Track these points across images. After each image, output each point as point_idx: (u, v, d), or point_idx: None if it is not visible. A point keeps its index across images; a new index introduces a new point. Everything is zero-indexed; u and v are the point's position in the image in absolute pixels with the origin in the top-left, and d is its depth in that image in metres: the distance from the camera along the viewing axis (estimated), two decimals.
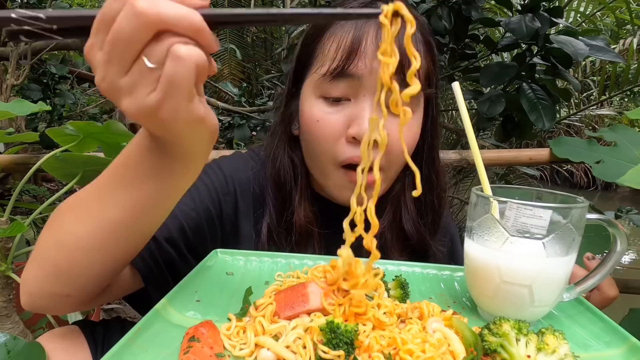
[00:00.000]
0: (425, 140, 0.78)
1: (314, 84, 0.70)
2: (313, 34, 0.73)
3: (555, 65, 1.41)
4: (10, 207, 1.06)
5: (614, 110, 6.29)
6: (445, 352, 0.43)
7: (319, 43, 0.71)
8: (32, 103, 1.06)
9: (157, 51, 0.36)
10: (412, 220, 0.79)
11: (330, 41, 0.68)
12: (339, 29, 0.68)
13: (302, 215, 0.76)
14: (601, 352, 0.48)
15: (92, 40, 0.37)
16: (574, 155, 1.28)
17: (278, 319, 0.49)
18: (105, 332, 0.68)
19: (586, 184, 7.38)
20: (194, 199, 0.75)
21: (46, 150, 1.59)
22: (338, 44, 0.67)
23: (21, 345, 0.63)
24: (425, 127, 0.76)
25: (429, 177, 0.79)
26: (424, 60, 0.69)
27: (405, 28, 0.41)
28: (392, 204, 0.79)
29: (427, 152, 0.79)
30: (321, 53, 0.70)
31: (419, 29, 0.68)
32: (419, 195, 0.77)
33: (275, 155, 0.79)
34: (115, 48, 0.36)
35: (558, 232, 0.50)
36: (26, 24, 0.34)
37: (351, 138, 0.67)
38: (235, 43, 4.42)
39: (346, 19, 0.64)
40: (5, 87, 1.66)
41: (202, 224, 0.74)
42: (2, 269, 1.04)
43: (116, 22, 0.35)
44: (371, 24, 0.66)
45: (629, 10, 2.06)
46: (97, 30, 0.37)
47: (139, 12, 0.34)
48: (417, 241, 0.79)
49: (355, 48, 0.65)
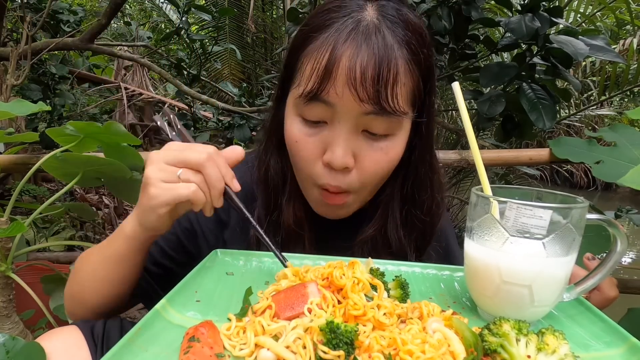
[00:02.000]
0: (413, 155, 0.75)
1: (293, 101, 0.69)
2: (296, 45, 0.70)
3: (555, 65, 1.41)
4: (10, 207, 1.06)
5: (614, 110, 6.29)
6: (445, 352, 0.43)
7: (301, 56, 0.68)
8: (32, 103, 1.06)
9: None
10: (395, 227, 0.77)
11: (307, 60, 0.66)
12: (317, 47, 0.64)
13: (291, 216, 0.76)
14: (601, 352, 0.48)
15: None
16: (574, 155, 1.28)
17: (278, 319, 0.49)
18: (104, 332, 0.68)
19: (586, 184, 7.38)
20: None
21: (46, 150, 1.59)
22: (313, 66, 0.64)
23: (20, 345, 0.63)
24: (412, 146, 0.73)
25: (412, 191, 0.76)
26: (408, 79, 0.65)
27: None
28: (382, 209, 0.78)
29: (414, 167, 0.75)
30: (300, 69, 0.68)
31: (407, 42, 0.65)
32: (404, 211, 0.78)
33: (263, 158, 0.79)
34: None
35: (558, 232, 0.49)
36: None
37: (326, 163, 0.67)
38: (235, 43, 4.42)
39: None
40: (5, 87, 1.66)
41: (183, 243, 0.81)
42: (2, 269, 1.04)
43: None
44: (346, 46, 0.62)
45: (629, 10, 2.06)
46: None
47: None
48: (397, 250, 0.77)
49: (328, 74, 0.62)
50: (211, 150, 0.61)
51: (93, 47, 1.91)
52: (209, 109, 2.57)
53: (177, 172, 0.59)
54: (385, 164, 0.69)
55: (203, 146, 0.62)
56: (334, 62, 0.62)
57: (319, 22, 0.67)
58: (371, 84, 0.61)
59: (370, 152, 0.67)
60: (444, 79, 1.89)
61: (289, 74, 0.72)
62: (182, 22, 2.06)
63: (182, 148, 0.62)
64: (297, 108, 0.68)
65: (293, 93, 0.69)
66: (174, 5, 2.06)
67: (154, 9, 5.79)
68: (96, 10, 4.55)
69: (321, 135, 0.67)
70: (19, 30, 2.42)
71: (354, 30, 0.63)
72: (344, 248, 0.76)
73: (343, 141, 0.65)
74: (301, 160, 0.70)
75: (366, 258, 0.64)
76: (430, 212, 0.78)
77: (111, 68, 4.00)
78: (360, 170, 0.68)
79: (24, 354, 0.61)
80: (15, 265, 1.08)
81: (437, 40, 1.66)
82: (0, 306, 1.05)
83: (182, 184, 0.59)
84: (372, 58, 0.61)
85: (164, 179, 0.59)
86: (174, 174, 0.59)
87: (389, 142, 0.68)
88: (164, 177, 0.59)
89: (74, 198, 2.73)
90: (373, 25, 0.64)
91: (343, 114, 0.64)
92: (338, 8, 0.67)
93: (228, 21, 4.53)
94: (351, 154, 0.66)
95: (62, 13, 2.16)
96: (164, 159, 0.60)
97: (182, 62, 2.25)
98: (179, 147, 0.62)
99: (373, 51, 0.62)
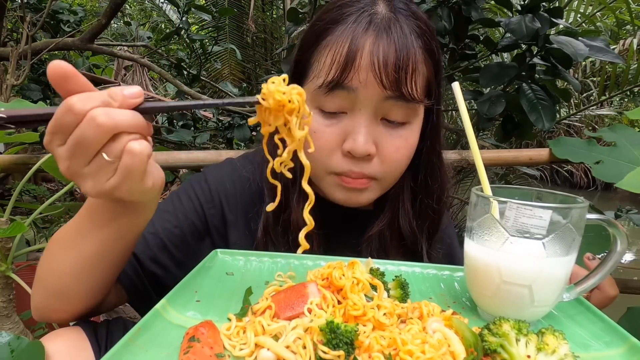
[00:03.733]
0: (425, 145, 0.77)
1: (310, 94, 0.69)
2: (309, 40, 0.72)
3: (555, 65, 1.41)
4: (10, 207, 1.06)
5: (614, 110, 6.30)
6: (445, 352, 0.43)
7: (315, 51, 0.70)
8: (32, 103, 1.06)
9: (114, 149, 0.44)
10: (408, 220, 0.79)
11: (326, 51, 0.68)
12: (335, 38, 0.67)
13: (300, 215, 0.76)
14: (601, 352, 0.48)
15: (50, 138, 0.45)
16: (574, 155, 1.28)
17: (278, 319, 0.49)
18: (108, 333, 0.68)
19: (586, 184, 7.39)
20: (177, 217, 0.76)
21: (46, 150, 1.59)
22: (333, 56, 0.66)
23: (24, 344, 0.63)
24: (425, 132, 0.76)
25: (426, 180, 0.79)
26: (424, 68, 0.68)
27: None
28: (392, 202, 0.79)
29: (426, 156, 0.78)
30: (317, 63, 0.69)
31: (421, 34, 0.67)
32: (417, 198, 0.78)
33: (273, 156, 0.78)
34: (78, 148, 0.44)
35: (558, 232, 0.50)
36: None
37: (346, 152, 0.68)
38: (235, 43, 4.42)
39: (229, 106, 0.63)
40: (5, 87, 1.66)
41: (187, 240, 0.77)
42: (2, 269, 1.04)
43: (78, 130, 0.43)
44: (367, 36, 0.65)
45: (629, 10, 2.06)
46: (54, 131, 0.44)
47: (99, 124, 0.42)
48: (411, 242, 0.79)
49: (350, 61, 0.64)
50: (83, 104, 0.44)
51: (93, 47, 1.90)
52: (209, 109, 2.57)
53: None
54: (405, 150, 0.71)
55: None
56: (355, 50, 0.64)
57: (333, 16, 0.69)
58: (393, 69, 0.64)
59: (390, 139, 0.69)
60: (444, 79, 1.89)
61: (300, 70, 0.73)
62: (182, 22, 2.06)
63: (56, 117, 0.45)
64: (315, 100, 0.69)
65: (309, 87, 0.70)
66: (174, 5, 2.06)
67: (154, 9, 5.79)
68: (96, 10, 4.56)
69: (340, 125, 0.68)
70: (19, 30, 2.42)
71: (372, 22, 0.66)
72: (354, 245, 0.76)
73: (364, 128, 0.67)
74: (319, 149, 0.69)
75: (369, 257, 0.64)
76: (440, 201, 0.81)
77: (111, 68, 4.00)
78: (383, 158, 0.69)
79: (28, 352, 0.61)
80: (15, 265, 1.08)
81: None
82: (0, 306, 1.05)
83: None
84: (392, 46, 0.64)
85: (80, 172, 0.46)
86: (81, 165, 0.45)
87: (407, 130, 0.70)
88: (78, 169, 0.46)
89: (74, 198, 2.73)
90: (389, 17, 0.67)
91: (364, 100, 0.66)
92: (351, 3, 0.69)
93: (228, 21, 4.53)
94: (372, 142, 0.68)
95: (62, 13, 2.16)
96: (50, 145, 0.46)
97: (182, 62, 2.26)
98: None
99: (393, 40, 0.64)
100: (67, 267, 0.61)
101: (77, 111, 0.43)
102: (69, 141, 0.44)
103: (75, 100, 0.43)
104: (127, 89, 0.46)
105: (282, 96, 0.49)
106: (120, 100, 0.45)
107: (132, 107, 0.46)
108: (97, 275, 0.63)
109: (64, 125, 0.43)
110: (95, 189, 0.46)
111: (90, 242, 0.59)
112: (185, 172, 2.04)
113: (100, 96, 0.44)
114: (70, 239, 0.61)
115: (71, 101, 0.43)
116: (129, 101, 0.46)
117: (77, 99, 0.43)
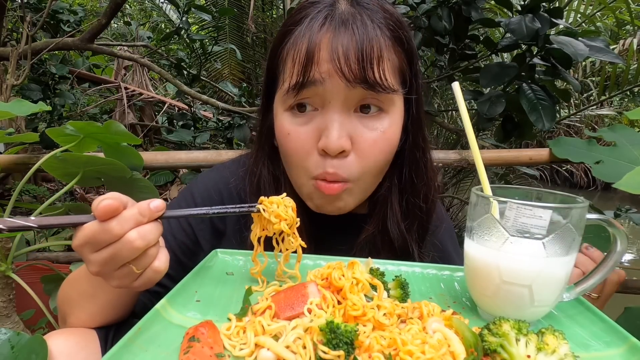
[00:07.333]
0: (407, 140, 0.74)
1: (281, 99, 0.69)
2: (274, 47, 0.71)
3: (555, 65, 1.41)
4: (10, 207, 1.06)
5: (614, 110, 6.29)
6: (445, 352, 0.43)
7: (280, 58, 0.69)
8: (32, 103, 1.06)
9: (143, 263, 0.52)
10: (396, 222, 0.76)
11: (289, 55, 0.67)
12: (294, 40, 0.66)
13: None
14: (601, 352, 0.48)
15: (82, 245, 0.50)
16: (574, 155, 1.28)
17: (278, 319, 0.49)
18: (116, 332, 0.69)
19: (586, 184, 7.38)
20: (167, 238, 0.75)
21: (46, 150, 1.59)
22: (294, 58, 0.65)
23: (25, 340, 0.63)
24: (407, 127, 0.73)
25: (411, 177, 0.76)
26: (393, 56, 0.66)
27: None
28: (380, 205, 0.77)
29: (409, 152, 0.75)
30: (282, 69, 0.69)
31: (386, 24, 0.66)
32: (403, 198, 0.77)
33: (254, 170, 0.78)
34: (112, 260, 0.50)
35: (558, 232, 0.50)
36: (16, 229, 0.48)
37: (321, 151, 0.66)
38: (235, 43, 4.42)
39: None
40: (5, 87, 1.65)
41: (179, 258, 0.79)
42: (2, 269, 1.04)
43: (115, 248, 0.50)
44: (324, 31, 0.64)
45: (629, 10, 2.06)
46: (87, 242, 0.50)
47: (136, 247, 0.50)
48: (400, 244, 0.77)
49: (310, 57, 0.63)
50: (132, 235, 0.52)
51: (93, 47, 1.90)
52: (209, 109, 2.57)
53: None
54: (382, 143, 0.68)
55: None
56: (313, 46, 0.63)
57: (293, 20, 0.68)
58: (355, 61, 0.62)
59: (366, 132, 0.67)
60: (444, 79, 1.89)
61: (272, 77, 0.73)
62: (182, 22, 2.06)
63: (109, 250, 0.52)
64: (286, 103, 0.68)
65: (279, 93, 0.70)
66: (174, 5, 2.06)
67: (154, 9, 5.78)
68: (96, 10, 4.55)
69: (313, 122, 0.67)
70: (19, 30, 2.42)
71: (329, 17, 0.65)
72: (344, 251, 0.75)
73: (337, 122, 0.65)
74: (295, 153, 0.69)
75: (369, 257, 0.64)
76: (427, 200, 0.78)
77: (111, 68, 4.00)
78: (359, 153, 0.67)
79: (28, 348, 0.61)
80: (15, 265, 1.08)
81: (437, 41, 1.66)
82: (0, 306, 1.05)
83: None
84: (352, 38, 0.63)
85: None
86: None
87: (383, 121, 0.68)
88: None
89: (74, 198, 2.73)
90: (348, 11, 0.66)
91: (332, 93, 0.64)
92: (311, 4, 0.68)
93: (228, 21, 4.53)
94: (347, 136, 0.66)
95: (62, 13, 2.16)
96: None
97: (182, 62, 2.25)
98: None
99: (352, 32, 0.63)
100: (83, 315, 0.69)
101: (116, 233, 0.49)
102: (104, 253, 0.50)
103: (114, 224, 0.49)
104: (153, 202, 0.53)
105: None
106: (148, 216, 0.52)
107: (157, 218, 0.53)
108: (115, 313, 0.70)
109: (100, 240, 0.50)
110: (120, 286, 0.54)
111: (101, 295, 0.67)
112: (185, 172, 2.04)
113: (132, 217, 0.50)
114: (83, 293, 0.68)
115: (110, 225, 0.49)
116: (155, 215, 0.53)
117: (116, 223, 0.49)
